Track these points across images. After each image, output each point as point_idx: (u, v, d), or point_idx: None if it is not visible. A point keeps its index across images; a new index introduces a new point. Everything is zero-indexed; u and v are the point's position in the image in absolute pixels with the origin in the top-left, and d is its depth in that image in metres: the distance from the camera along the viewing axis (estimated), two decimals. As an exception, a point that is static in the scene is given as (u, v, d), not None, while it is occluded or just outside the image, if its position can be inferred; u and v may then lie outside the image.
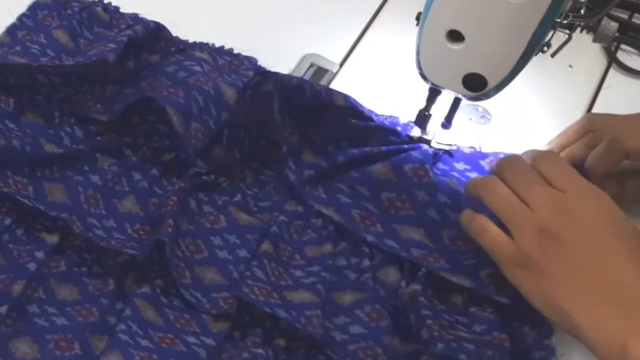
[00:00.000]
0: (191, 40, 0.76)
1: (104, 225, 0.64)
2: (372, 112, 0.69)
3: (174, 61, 0.72)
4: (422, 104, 0.68)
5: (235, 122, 0.67)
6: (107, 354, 0.57)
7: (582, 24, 0.61)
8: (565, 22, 0.60)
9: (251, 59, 0.75)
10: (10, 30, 0.76)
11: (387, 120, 0.69)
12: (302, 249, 0.65)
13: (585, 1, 0.61)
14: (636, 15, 0.87)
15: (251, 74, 0.72)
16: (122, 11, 0.78)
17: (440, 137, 0.69)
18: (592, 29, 0.61)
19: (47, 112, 0.71)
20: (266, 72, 0.66)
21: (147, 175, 0.67)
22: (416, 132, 0.69)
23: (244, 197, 0.67)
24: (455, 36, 0.60)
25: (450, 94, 0.66)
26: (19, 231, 0.64)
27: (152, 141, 0.69)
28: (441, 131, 0.70)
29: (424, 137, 0.69)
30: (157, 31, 0.74)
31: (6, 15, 0.76)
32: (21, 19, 0.76)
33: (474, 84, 0.62)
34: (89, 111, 0.70)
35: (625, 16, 0.87)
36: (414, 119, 0.69)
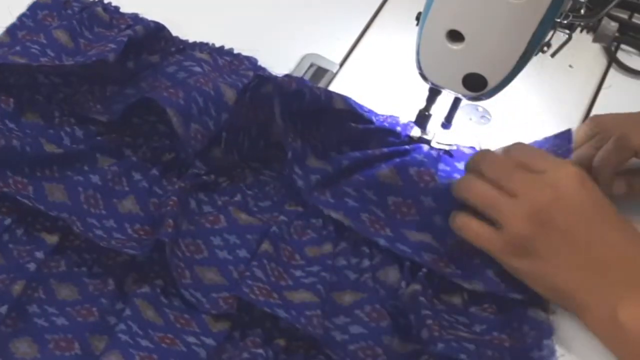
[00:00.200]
0: (191, 40, 0.76)
1: (104, 225, 0.64)
2: (372, 112, 0.69)
3: (174, 61, 0.72)
4: (422, 104, 0.68)
5: (234, 124, 0.67)
6: (107, 354, 0.57)
7: (582, 24, 0.61)
8: (565, 22, 0.60)
9: (251, 59, 0.75)
10: (10, 30, 0.76)
11: (387, 120, 0.69)
12: (302, 249, 0.65)
13: (585, 1, 0.61)
14: (636, 15, 0.87)
15: (251, 74, 0.72)
16: (122, 11, 0.78)
17: (440, 137, 0.69)
18: (592, 29, 0.61)
19: (47, 112, 0.71)
20: (265, 76, 0.66)
21: (147, 175, 0.67)
22: (416, 132, 0.69)
23: (244, 197, 0.67)
24: (455, 36, 0.60)
25: (450, 94, 0.66)
26: (19, 231, 0.64)
27: (152, 141, 0.69)
28: (441, 131, 0.70)
29: (424, 137, 0.69)
30: (157, 31, 0.74)
31: (6, 15, 0.76)
32: (21, 19, 0.76)
33: (474, 84, 0.62)
34: (89, 111, 0.70)
35: (625, 16, 0.87)
36: (414, 119, 0.69)
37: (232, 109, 0.67)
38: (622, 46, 0.85)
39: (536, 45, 0.59)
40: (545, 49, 0.61)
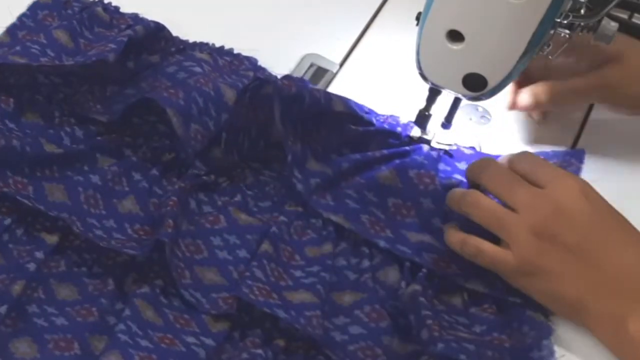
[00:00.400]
0: (191, 40, 0.76)
1: (104, 225, 0.64)
2: (373, 113, 0.69)
3: (174, 62, 0.72)
4: (422, 104, 0.68)
5: (234, 124, 0.67)
6: (106, 354, 0.57)
7: (582, 24, 0.61)
8: (565, 22, 0.60)
9: (251, 59, 0.75)
10: (10, 30, 0.76)
11: (387, 120, 0.69)
12: (302, 249, 0.65)
13: (585, 1, 0.61)
14: (636, 15, 0.87)
15: (251, 74, 0.72)
16: (122, 11, 0.78)
17: (440, 137, 0.69)
18: (592, 29, 0.61)
19: (47, 112, 0.71)
20: (265, 79, 0.66)
21: (147, 175, 0.67)
22: (416, 132, 0.69)
23: (244, 198, 0.67)
24: (455, 36, 0.60)
25: (450, 94, 0.66)
26: (19, 231, 0.64)
27: (152, 141, 0.69)
28: (441, 131, 0.70)
29: (424, 137, 0.69)
30: (157, 31, 0.74)
31: (6, 15, 0.76)
32: (21, 19, 0.76)
33: (474, 84, 0.62)
34: (89, 111, 0.70)
35: (625, 16, 0.87)
36: (414, 119, 0.69)
37: (232, 109, 0.67)
38: (623, 46, 0.84)
39: (536, 45, 0.59)
40: (545, 48, 0.61)
